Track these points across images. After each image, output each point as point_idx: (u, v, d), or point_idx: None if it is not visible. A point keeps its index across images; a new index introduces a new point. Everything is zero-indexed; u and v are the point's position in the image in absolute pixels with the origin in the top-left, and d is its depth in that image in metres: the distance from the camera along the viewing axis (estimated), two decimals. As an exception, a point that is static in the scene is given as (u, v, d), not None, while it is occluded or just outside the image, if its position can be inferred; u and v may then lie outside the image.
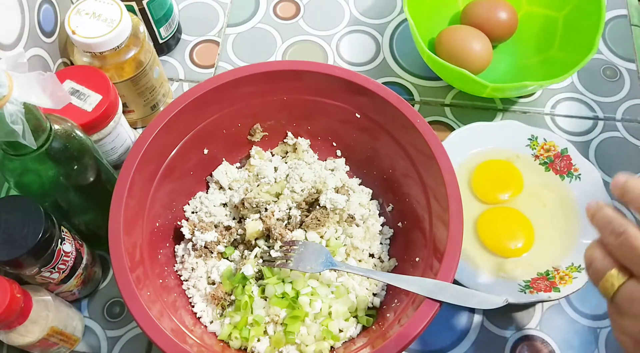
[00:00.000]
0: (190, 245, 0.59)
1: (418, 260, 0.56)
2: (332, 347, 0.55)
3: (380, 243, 0.62)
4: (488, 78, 0.65)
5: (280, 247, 0.57)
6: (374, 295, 0.59)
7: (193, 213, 0.62)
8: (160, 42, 0.75)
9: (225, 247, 0.60)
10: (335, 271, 0.57)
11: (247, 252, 0.59)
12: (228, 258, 0.60)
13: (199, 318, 0.57)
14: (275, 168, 0.64)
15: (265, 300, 0.56)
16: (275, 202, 0.61)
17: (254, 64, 0.59)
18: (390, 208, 0.63)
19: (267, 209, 0.60)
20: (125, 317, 0.61)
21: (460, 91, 0.74)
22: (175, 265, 0.60)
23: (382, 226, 0.63)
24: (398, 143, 0.59)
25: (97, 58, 0.61)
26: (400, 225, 0.62)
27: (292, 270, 0.55)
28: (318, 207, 0.60)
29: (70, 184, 0.53)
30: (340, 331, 0.56)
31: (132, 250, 0.52)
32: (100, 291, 0.63)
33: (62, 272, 0.54)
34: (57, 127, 0.49)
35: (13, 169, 0.49)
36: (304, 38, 0.80)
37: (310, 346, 0.54)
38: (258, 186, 0.62)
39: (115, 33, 0.59)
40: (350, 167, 0.66)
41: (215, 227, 0.60)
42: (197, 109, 0.58)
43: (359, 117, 0.61)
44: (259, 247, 0.59)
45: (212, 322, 0.57)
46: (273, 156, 0.66)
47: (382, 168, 0.63)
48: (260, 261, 0.57)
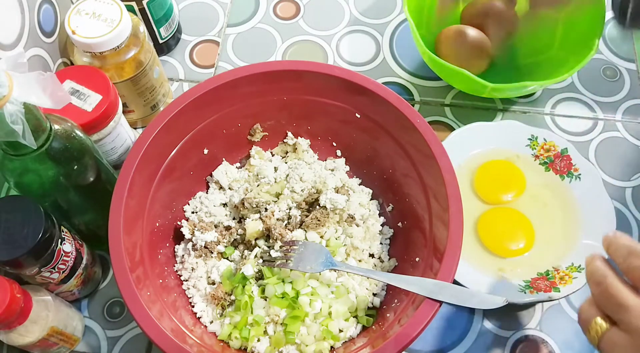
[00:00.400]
0: (190, 245, 0.59)
1: (418, 260, 0.56)
2: (332, 347, 0.55)
3: (380, 243, 0.62)
4: (488, 78, 0.65)
5: (280, 247, 0.57)
6: (374, 295, 0.59)
7: (193, 213, 0.62)
8: (160, 42, 0.75)
9: (225, 247, 0.60)
10: (335, 271, 0.57)
11: (247, 252, 0.59)
12: (228, 258, 0.60)
13: (199, 318, 0.57)
14: (275, 168, 0.64)
15: (265, 300, 0.56)
16: (275, 202, 0.61)
17: (254, 64, 0.59)
18: (390, 208, 0.63)
19: (267, 209, 0.60)
20: (125, 317, 0.61)
21: (460, 91, 0.74)
22: (175, 265, 0.60)
23: (382, 226, 0.63)
24: (398, 143, 0.59)
25: (97, 58, 0.61)
26: (400, 225, 0.62)
27: (292, 270, 0.55)
28: (318, 207, 0.60)
29: (70, 184, 0.53)
30: (340, 331, 0.56)
31: (132, 250, 0.52)
32: (100, 291, 0.63)
33: (62, 272, 0.54)
34: (57, 127, 0.49)
35: (13, 169, 0.49)
36: (304, 38, 0.80)
37: (310, 346, 0.54)
38: (258, 186, 0.62)
39: (115, 33, 0.59)
40: (350, 167, 0.66)
41: (215, 227, 0.60)
42: (197, 109, 0.58)
43: (359, 117, 0.61)
44: (259, 247, 0.59)
45: (212, 322, 0.57)
46: (273, 156, 0.66)
47: (382, 168, 0.63)
48: (260, 261, 0.57)
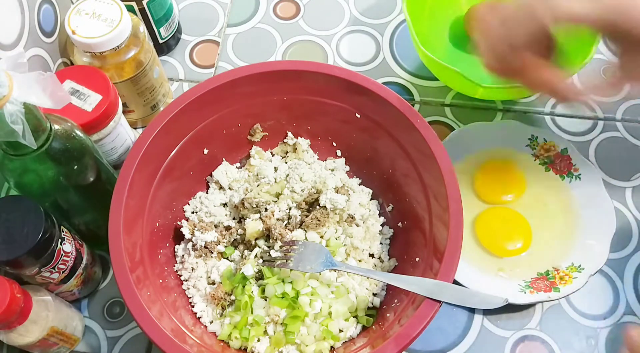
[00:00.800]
0: (190, 245, 0.59)
1: (418, 260, 0.56)
2: (332, 347, 0.55)
3: (380, 243, 0.62)
4: (486, 80, 0.65)
5: (280, 247, 0.57)
6: (374, 295, 0.59)
7: (193, 213, 0.62)
8: (160, 42, 0.75)
9: (225, 247, 0.60)
10: (335, 271, 0.57)
11: (247, 252, 0.59)
12: (228, 258, 0.60)
13: (199, 318, 0.57)
14: (275, 168, 0.64)
15: (265, 300, 0.56)
16: (275, 202, 0.61)
17: (254, 64, 0.59)
18: (390, 208, 0.63)
19: (267, 209, 0.60)
20: (125, 317, 0.61)
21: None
22: (175, 265, 0.60)
23: (382, 226, 0.63)
24: (398, 143, 0.59)
25: (97, 58, 0.61)
26: (400, 225, 0.62)
27: (292, 270, 0.55)
28: (318, 207, 0.60)
29: (70, 184, 0.53)
30: (340, 331, 0.56)
31: (132, 250, 0.52)
32: (100, 291, 0.63)
33: (62, 272, 0.54)
34: (57, 127, 0.49)
35: (13, 169, 0.49)
36: (304, 38, 0.80)
37: (310, 346, 0.54)
38: (258, 186, 0.62)
39: (115, 33, 0.59)
40: (350, 167, 0.66)
41: (215, 227, 0.60)
42: (197, 109, 0.58)
43: (359, 117, 0.61)
44: (259, 247, 0.59)
45: (212, 322, 0.57)
46: (273, 156, 0.66)
47: (382, 168, 0.63)
48: (260, 261, 0.57)
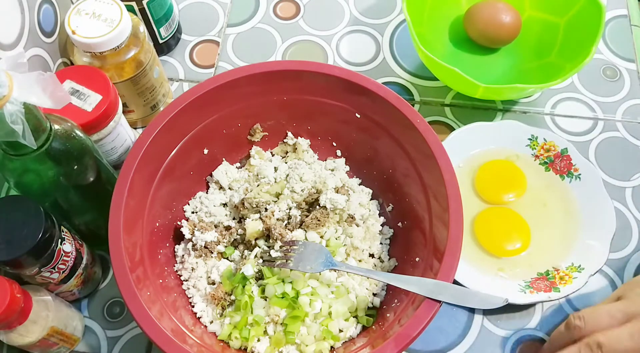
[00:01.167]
0: (190, 245, 0.59)
1: (418, 260, 0.56)
2: (332, 347, 0.55)
3: (380, 243, 0.62)
4: (486, 80, 0.65)
5: (280, 247, 0.57)
6: (374, 295, 0.59)
7: (193, 213, 0.62)
8: (160, 42, 0.75)
9: (225, 247, 0.60)
10: (335, 271, 0.57)
11: (247, 252, 0.59)
12: (228, 258, 0.60)
13: (199, 318, 0.57)
14: (275, 168, 0.64)
15: (265, 300, 0.56)
16: (275, 202, 0.61)
17: (254, 64, 0.59)
18: (390, 208, 0.63)
19: (267, 209, 0.60)
20: (125, 317, 0.61)
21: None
22: (175, 265, 0.60)
23: (382, 226, 0.63)
24: (398, 143, 0.59)
25: (97, 58, 0.61)
26: (400, 225, 0.62)
27: (292, 270, 0.55)
28: (318, 207, 0.60)
29: (70, 184, 0.53)
30: (340, 331, 0.56)
31: (132, 250, 0.52)
32: (100, 291, 0.63)
33: (62, 272, 0.54)
34: (57, 127, 0.49)
35: (13, 169, 0.49)
36: (304, 38, 0.80)
37: (310, 346, 0.54)
38: (258, 186, 0.62)
39: (115, 33, 0.59)
40: (350, 167, 0.66)
41: (215, 227, 0.60)
42: (197, 109, 0.58)
43: (359, 117, 0.61)
44: (259, 247, 0.59)
45: (212, 322, 0.57)
46: (273, 156, 0.66)
47: (382, 168, 0.63)
48: (260, 261, 0.57)
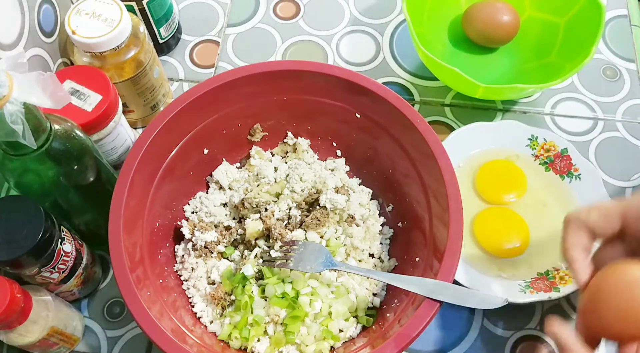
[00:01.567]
0: (190, 245, 0.59)
1: (418, 260, 0.56)
2: (332, 347, 0.55)
3: (380, 243, 0.62)
4: (486, 80, 0.65)
5: (280, 247, 0.57)
6: (374, 295, 0.59)
7: (193, 213, 0.62)
8: (160, 42, 0.75)
9: (225, 247, 0.60)
10: (335, 271, 0.57)
11: (247, 252, 0.59)
12: (228, 258, 0.60)
13: (199, 318, 0.57)
14: (275, 168, 0.64)
15: (265, 300, 0.56)
16: (275, 202, 0.61)
17: (254, 64, 0.59)
18: (390, 208, 0.63)
19: (267, 209, 0.60)
20: (125, 317, 0.61)
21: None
22: (175, 265, 0.60)
23: (382, 226, 0.63)
24: (398, 143, 0.59)
25: (97, 58, 0.61)
26: (400, 225, 0.62)
27: (292, 270, 0.55)
28: (318, 207, 0.60)
29: (70, 184, 0.53)
30: (340, 331, 0.56)
31: (132, 250, 0.52)
32: (100, 291, 0.63)
33: (62, 272, 0.54)
34: (57, 127, 0.49)
35: (13, 169, 0.49)
36: (304, 38, 0.80)
37: (310, 346, 0.54)
38: (258, 186, 0.62)
39: (115, 33, 0.59)
40: (350, 167, 0.66)
41: (215, 227, 0.60)
42: (197, 109, 0.58)
43: (359, 117, 0.61)
44: (259, 247, 0.59)
45: (212, 322, 0.57)
46: (273, 156, 0.66)
47: (382, 168, 0.63)
48: (260, 261, 0.57)
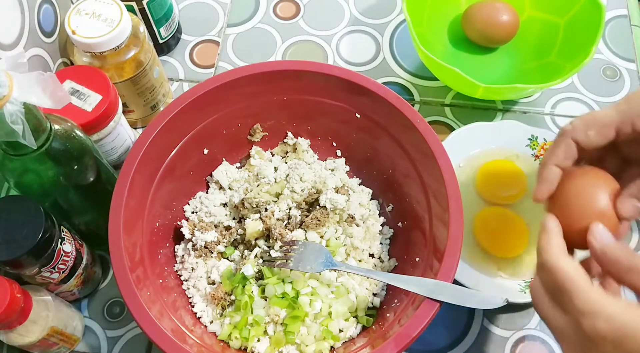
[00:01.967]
0: (190, 245, 0.59)
1: (418, 260, 0.56)
2: (332, 347, 0.55)
3: (380, 243, 0.62)
4: (486, 80, 0.65)
5: (280, 247, 0.57)
6: (374, 295, 0.59)
7: (193, 213, 0.62)
8: (160, 42, 0.75)
9: (225, 247, 0.60)
10: (335, 271, 0.57)
11: (247, 252, 0.59)
12: (228, 258, 0.60)
13: (199, 318, 0.57)
14: (275, 168, 0.64)
15: (265, 300, 0.56)
16: (275, 202, 0.61)
17: (254, 64, 0.59)
18: (390, 208, 0.63)
19: (267, 209, 0.60)
20: (125, 317, 0.61)
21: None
22: (175, 265, 0.60)
23: (382, 226, 0.63)
24: (398, 143, 0.59)
25: (97, 58, 0.61)
26: (400, 225, 0.62)
27: (292, 270, 0.55)
28: (318, 207, 0.60)
29: (70, 184, 0.53)
30: (340, 331, 0.56)
31: (132, 250, 0.52)
32: (100, 291, 0.63)
33: (62, 272, 0.54)
34: (57, 127, 0.49)
35: (13, 169, 0.49)
36: (304, 38, 0.80)
37: (310, 346, 0.54)
38: (258, 186, 0.62)
39: (115, 33, 0.59)
40: (350, 167, 0.66)
41: (215, 227, 0.60)
42: (197, 109, 0.58)
43: (359, 117, 0.61)
44: (259, 247, 0.59)
45: (212, 322, 0.57)
46: (273, 156, 0.66)
47: (382, 168, 0.63)
48: (260, 261, 0.57)
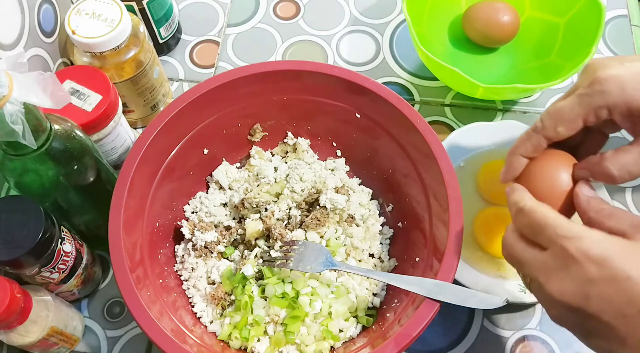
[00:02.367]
0: (190, 245, 0.59)
1: (418, 260, 0.56)
2: (332, 347, 0.55)
3: (380, 243, 0.62)
4: (486, 80, 0.65)
5: (280, 247, 0.57)
6: (374, 295, 0.59)
7: (193, 213, 0.62)
8: (160, 42, 0.75)
9: (225, 247, 0.60)
10: (335, 271, 0.57)
11: (247, 252, 0.59)
12: (228, 258, 0.60)
13: (199, 318, 0.57)
14: (275, 168, 0.64)
15: (265, 300, 0.56)
16: (275, 202, 0.61)
17: (254, 64, 0.59)
18: (390, 208, 0.63)
19: (267, 209, 0.60)
20: (125, 317, 0.61)
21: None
22: (175, 265, 0.60)
23: (382, 226, 0.63)
24: (398, 143, 0.59)
25: (97, 58, 0.61)
26: (400, 225, 0.62)
27: (292, 270, 0.55)
28: (318, 207, 0.60)
29: (70, 184, 0.53)
30: (340, 331, 0.56)
31: (132, 250, 0.52)
32: (100, 291, 0.63)
33: (62, 272, 0.54)
34: (57, 127, 0.49)
35: (13, 169, 0.49)
36: (304, 38, 0.80)
37: (310, 346, 0.54)
38: (258, 186, 0.62)
39: (115, 33, 0.59)
40: (350, 167, 0.66)
41: (215, 227, 0.60)
42: (197, 109, 0.58)
43: (359, 117, 0.61)
44: (259, 247, 0.59)
45: (212, 322, 0.57)
46: (273, 156, 0.66)
47: (382, 168, 0.63)
48: (260, 261, 0.57)
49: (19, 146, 0.44)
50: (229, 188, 0.64)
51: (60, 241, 0.52)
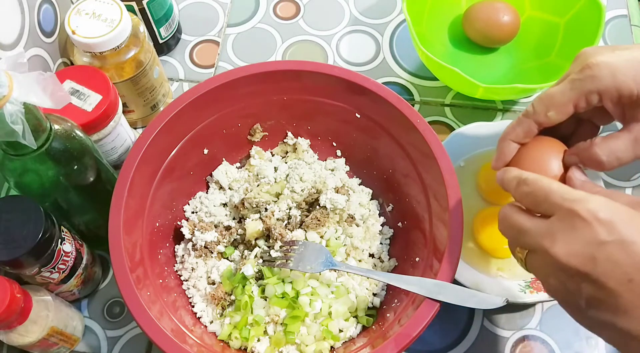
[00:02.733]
0: (190, 245, 0.59)
1: (418, 260, 0.56)
2: (332, 347, 0.55)
3: (380, 243, 0.62)
4: (486, 80, 0.65)
5: (280, 247, 0.57)
6: (374, 295, 0.59)
7: (193, 213, 0.62)
8: (160, 42, 0.75)
9: (225, 247, 0.60)
10: (335, 271, 0.57)
11: (247, 252, 0.59)
12: (228, 258, 0.60)
13: (199, 318, 0.57)
14: (275, 168, 0.64)
15: (265, 300, 0.56)
16: (275, 202, 0.61)
17: (254, 64, 0.60)
18: (390, 208, 0.63)
19: (267, 209, 0.60)
20: (125, 317, 0.61)
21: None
22: (175, 265, 0.60)
23: (382, 226, 0.63)
24: (398, 143, 0.59)
25: (97, 58, 0.61)
26: (400, 225, 0.62)
27: (292, 270, 0.55)
28: (318, 207, 0.60)
29: (70, 184, 0.53)
30: (340, 331, 0.56)
31: (132, 250, 0.52)
32: (100, 291, 0.63)
33: (62, 272, 0.55)
34: (57, 127, 0.49)
35: (13, 169, 0.49)
36: (304, 38, 0.80)
37: (310, 346, 0.54)
38: (258, 186, 0.62)
39: (115, 33, 0.59)
40: (350, 167, 0.66)
41: (215, 227, 0.60)
42: (197, 109, 0.58)
43: (359, 117, 0.61)
44: (259, 247, 0.59)
45: (212, 322, 0.57)
46: (273, 156, 0.66)
47: (382, 168, 0.63)
48: (260, 261, 0.57)
49: (19, 146, 0.44)
50: (229, 188, 0.64)
51: (60, 241, 0.52)
